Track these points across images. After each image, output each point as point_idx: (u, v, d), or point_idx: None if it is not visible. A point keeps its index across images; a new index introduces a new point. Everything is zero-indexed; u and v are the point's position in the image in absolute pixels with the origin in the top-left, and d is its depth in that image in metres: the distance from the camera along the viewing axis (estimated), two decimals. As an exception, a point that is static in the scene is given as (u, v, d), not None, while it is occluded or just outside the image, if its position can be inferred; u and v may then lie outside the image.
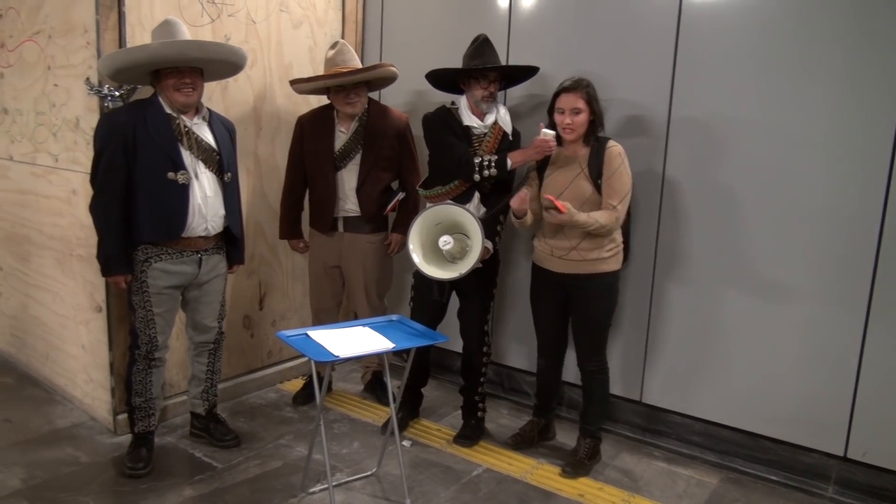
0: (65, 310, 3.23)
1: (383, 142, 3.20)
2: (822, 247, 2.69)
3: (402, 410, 3.17)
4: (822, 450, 2.79)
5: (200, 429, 3.01)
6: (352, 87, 3.11)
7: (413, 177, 3.30)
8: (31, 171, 3.31)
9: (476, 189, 2.91)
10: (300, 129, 3.24)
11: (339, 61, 3.13)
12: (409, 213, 3.37)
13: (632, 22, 2.99)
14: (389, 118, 3.26)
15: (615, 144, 2.70)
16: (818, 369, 2.75)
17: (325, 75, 3.13)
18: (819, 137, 2.64)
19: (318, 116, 3.24)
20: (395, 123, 3.26)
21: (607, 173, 2.65)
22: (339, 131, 3.18)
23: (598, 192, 2.67)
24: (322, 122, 3.20)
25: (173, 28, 2.59)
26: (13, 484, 2.61)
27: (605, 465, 2.95)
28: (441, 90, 3.09)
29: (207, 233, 2.72)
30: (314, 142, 3.19)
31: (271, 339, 3.66)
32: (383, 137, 3.20)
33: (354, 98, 3.12)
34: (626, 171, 2.67)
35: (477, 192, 2.91)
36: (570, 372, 3.12)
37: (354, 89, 3.11)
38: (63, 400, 3.34)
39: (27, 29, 3.17)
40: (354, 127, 3.17)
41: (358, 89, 3.13)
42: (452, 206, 2.75)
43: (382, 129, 3.20)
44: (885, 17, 2.48)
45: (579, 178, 2.69)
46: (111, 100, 2.76)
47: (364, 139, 3.17)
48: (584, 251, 2.70)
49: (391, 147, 3.23)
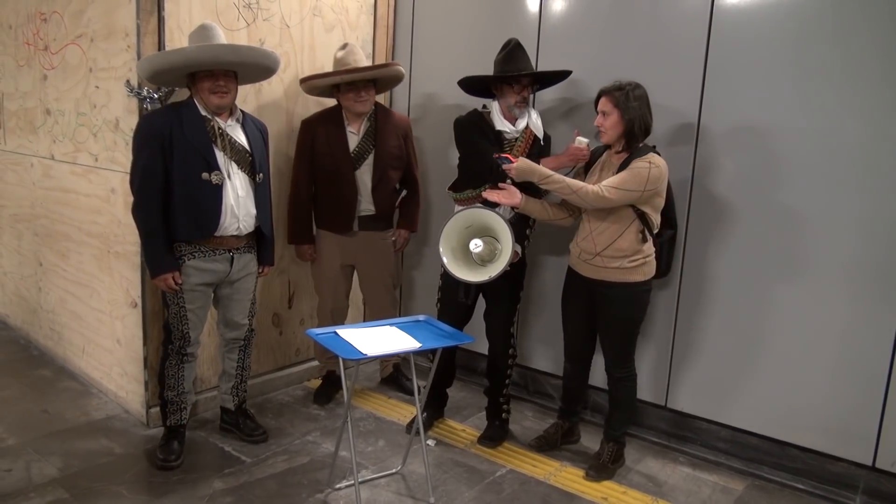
0: (101, 305, 3.33)
1: (392, 141, 3.28)
2: (854, 254, 2.66)
3: (428, 410, 3.20)
4: (851, 459, 2.76)
5: (230, 423, 3.08)
6: (362, 86, 3.16)
7: (416, 174, 3.46)
8: (71, 170, 3.42)
9: None
10: (309, 131, 3.26)
11: (349, 61, 3.18)
12: (414, 209, 3.50)
13: (662, 26, 2.99)
14: (394, 118, 3.35)
15: (653, 156, 2.60)
16: (847, 378, 2.72)
17: (338, 71, 3.19)
18: (855, 142, 2.61)
19: (327, 118, 3.28)
20: (400, 124, 3.37)
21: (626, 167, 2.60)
22: (350, 132, 3.24)
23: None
24: (331, 123, 3.25)
25: (209, 32, 2.66)
26: (50, 472, 2.70)
27: (630, 470, 2.95)
28: (473, 95, 3.12)
29: (239, 232, 2.79)
30: (327, 144, 3.22)
31: (299, 337, 3.72)
32: (391, 137, 3.29)
33: (365, 96, 3.17)
34: (641, 173, 2.56)
35: None
36: (597, 376, 3.13)
37: (365, 88, 3.17)
38: (98, 393, 3.44)
39: (70, 33, 3.27)
40: (365, 128, 3.24)
41: (368, 88, 3.19)
42: (483, 210, 2.78)
43: (390, 129, 3.29)
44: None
45: None
46: (150, 101, 2.84)
47: (375, 139, 3.24)
48: (607, 258, 2.69)
49: (398, 146, 3.32)
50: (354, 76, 3.13)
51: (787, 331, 2.83)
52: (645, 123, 2.64)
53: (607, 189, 2.57)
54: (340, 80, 3.16)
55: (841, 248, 2.68)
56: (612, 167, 2.70)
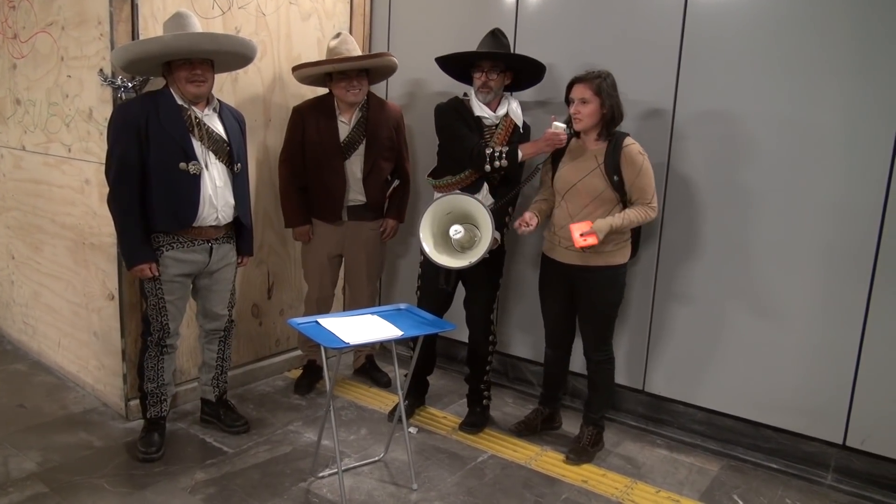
0: (77, 298, 3.29)
1: (384, 132, 3.28)
2: (826, 240, 2.73)
3: (409, 398, 3.22)
4: (822, 438, 2.84)
5: (211, 415, 3.07)
6: (354, 76, 3.15)
7: (407, 165, 3.45)
8: (43, 160, 3.36)
9: (485, 180, 2.95)
10: (300, 118, 3.26)
11: (342, 50, 3.17)
12: (403, 199, 3.49)
13: (638, 18, 3.02)
14: (387, 109, 3.34)
15: (633, 143, 2.70)
16: (818, 358, 2.80)
17: (330, 60, 3.17)
18: (828, 131, 2.67)
19: (319, 106, 3.27)
20: (393, 115, 3.36)
21: (632, 174, 2.66)
22: (341, 121, 3.23)
23: (611, 188, 2.68)
24: (323, 112, 3.24)
25: (185, 20, 2.63)
26: (29, 467, 2.67)
27: (609, 453, 3.00)
28: (456, 79, 3.13)
29: (218, 222, 2.77)
30: (317, 132, 3.22)
31: (279, 327, 3.71)
32: (384, 128, 3.28)
33: (357, 86, 3.16)
34: (649, 167, 2.69)
35: (485, 183, 2.96)
36: (576, 362, 3.17)
37: (357, 77, 3.16)
38: (75, 386, 3.40)
39: (40, 20, 3.21)
40: (357, 118, 3.23)
41: (360, 78, 3.18)
42: (464, 196, 2.79)
43: (382, 119, 3.28)
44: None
45: (594, 175, 2.70)
46: (124, 91, 2.80)
47: (367, 130, 3.23)
48: None
49: (390, 138, 3.32)
50: (346, 65, 3.11)
51: (759, 314, 2.90)
52: (620, 111, 2.70)
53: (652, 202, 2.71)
54: (332, 70, 3.14)
55: (813, 233, 2.75)
56: (588, 156, 2.73)
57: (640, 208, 2.69)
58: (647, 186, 2.69)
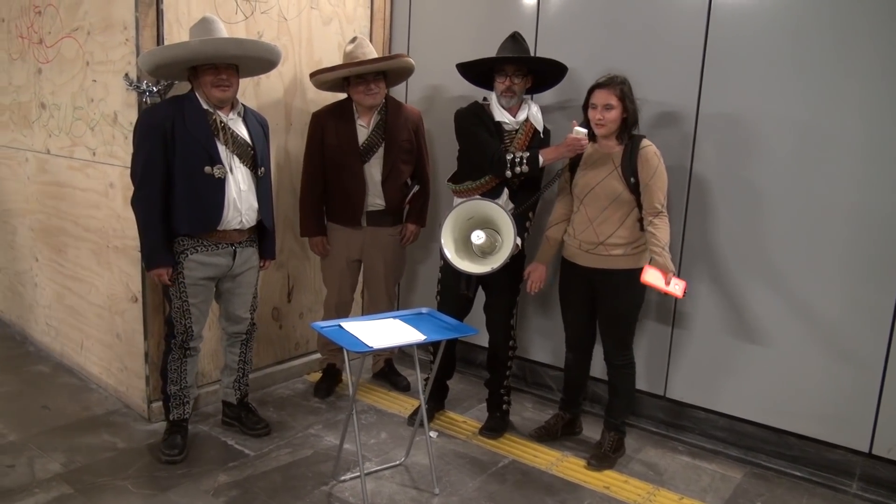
0: (100, 300, 3.31)
1: (402, 135, 3.28)
2: (851, 245, 2.70)
3: (429, 402, 3.22)
4: (848, 446, 2.81)
5: (232, 417, 3.08)
6: (372, 79, 3.15)
7: (427, 169, 3.44)
8: (68, 164, 3.39)
9: (505, 185, 2.95)
10: (318, 124, 3.27)
11: (358, 54, 3.18)
12: (423, 204, 3.48)
13: (661, 19, 3.01)
14: (405, 112, 3.35)
15: (649, 144, 2.71)
16: (844, 365, 2.77)
17: (346, 64, 3.18)
18: (852, 134, 2.65)
19: (337, 111, 3.28)
20: (411, 118, 3.36)
21: (647, 175, 2.66)
22: (360, 125, 3.23)
23: (629, 190, 2.69)
24: (341, 116, 3.25)
25: (212, 26, 2.65)
26: (54, 468, 2.70)
27: (630, 459, 2.98)
28: (477, 85, 3.13)
29: (242, 226, 2.79)
30: (336, 136, 3.23)
31: (299, 331, 3.72)
32: (402, 131, 3.28)
33: (375, 89, 3.17)
34: (664, 171, 2.69)
35: (506, 189, 2.95)
36: (596, 367, 3.16)
37: (374, 80, 3.16)
38: (98, 388, 3.43)
39: (66, 26, 3.24)
40: (375, 121, 3.23)
41: (378, 81, 3.18)
42: (486, 202, 2.80)
43: (401, 123, 3.28)
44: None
45: (611, 177, 2.71)
46: (149, 95, 2.82)
47: (385, 133, 3.23)
48: (610, 246, 2.74)
49: (409, 141, 3.32)
50: (363, 69, 3.12)
51: (783, 319, 2.87)
52: (637, 114, 2.73)
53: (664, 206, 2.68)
54: (349, 73, 3.15)
55: (837, 237, 2.72)
56: (605, 159, 2.74)
57: (662, 221, 2.66)
58: (658, 189, 2.67)
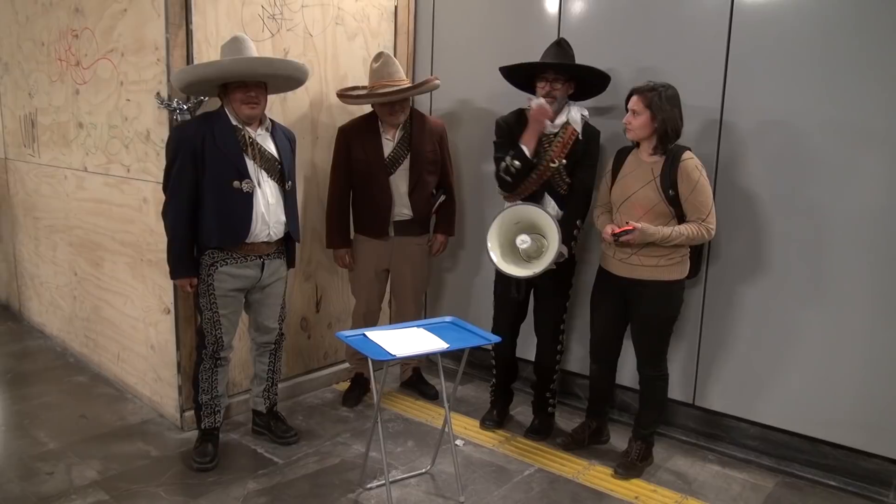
0: (135, 312, 3.41)
1: (427, 147, 3.34)
2: (883, 248, 2.65)
3: (496, 408, 3.33)
4: (884, 454, 2.74)
5: (262, 426, 3.13)
6: (397, 102, 3.22)
7: (451, 179, 3.50)
8: (104, 181, 3.51)
9: (545, 190, 2.99)
10: (345, 138, 3.34)
11: (384, 74, 3.24)
12: (450, 214, 3.53)
13: (683, 23, 3.00)
14: (429, 124, 3.41)
15: (691, 157, 2.66)
16: (879, 372, 2.71)
17: (375, 94, 3.24)
18: (882, 137, 2.60)
19: (363, 125, 3.34)
20: (435, 129, 3.42)
21: (687, 190, 2.63)
22: (385, 139, 3.30)
23: (666, 202, 2.66)
24: (367, 130, 3.31)
25: (242, 45, 2.73)
26: (90, 475, 2.78)
27: (659, 468, 2.95)
28: (519, 89, 3.15)
29: (270, 238, 2.85)
30: (362, 150, 3.29)
31: (327, 340, 3.78)
32: (427, 143, 3.34)
33: (399, 109, 3.25)
34: (706, 183, 2.65)
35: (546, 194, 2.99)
36: (625, 375, 3.14)
37: (400, 102, 3.23)
38: (133, 398, 3.52)
39: (101, 48, 3.37)
40: (400, 134, 3.29)
41: (403, 102, 3.25)
42: (531, 207, 2.84)
43: (426, 134, 3.35)
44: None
45: (648, 187, 2.69)
46: (180, 113, 2.91)
47: (410, 145, 3.29)
48: (644, 256, 2.72)
49: (434, 151, 3.38)
50: (390, 98, 3.19)
51: (816, 326, 2.82)
52: (675, 125, 2.67)
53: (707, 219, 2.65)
54: (378, 102, 3.23)
55: (869, 243, 2.67)
56: (645, 168, 2.73)
57: (695, 225, 2.65)
58: (702, 203, 2.64)
